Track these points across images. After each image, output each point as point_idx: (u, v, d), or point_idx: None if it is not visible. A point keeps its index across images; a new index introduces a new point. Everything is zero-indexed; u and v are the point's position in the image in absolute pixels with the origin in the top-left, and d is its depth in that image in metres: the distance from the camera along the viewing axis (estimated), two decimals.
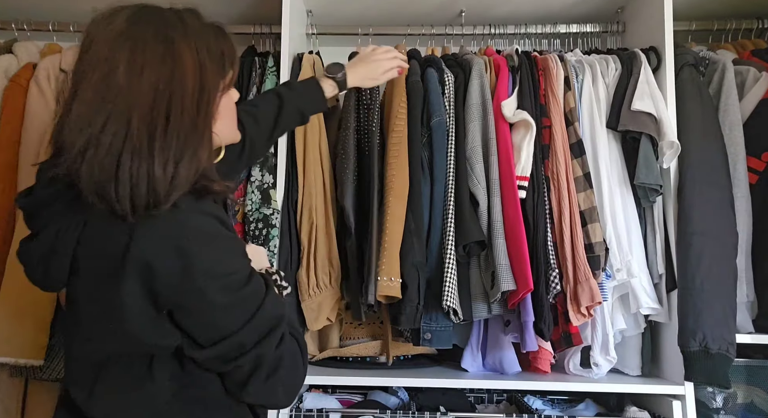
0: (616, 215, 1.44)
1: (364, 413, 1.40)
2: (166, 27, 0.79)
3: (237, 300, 0.79)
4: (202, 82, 0.79)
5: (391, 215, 1.34)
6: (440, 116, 1.44)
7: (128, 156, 0.73)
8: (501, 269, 1.33)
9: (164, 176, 0.74)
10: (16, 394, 1.44)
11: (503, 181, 1.40)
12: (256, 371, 0.81)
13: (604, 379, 1.45)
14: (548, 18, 1.78)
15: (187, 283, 0.75)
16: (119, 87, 0.74)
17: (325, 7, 1.75)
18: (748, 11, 1.72)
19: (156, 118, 0.75)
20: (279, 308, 0.85)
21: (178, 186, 0.75)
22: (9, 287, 1.39)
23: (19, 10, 1.75)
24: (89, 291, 0.78)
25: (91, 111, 0.74)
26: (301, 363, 0.87)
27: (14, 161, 1.50)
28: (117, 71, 0.75)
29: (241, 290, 0.79)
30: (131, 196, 0.73)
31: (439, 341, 1.37)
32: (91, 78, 0.76)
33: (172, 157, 0.75)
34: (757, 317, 1.48)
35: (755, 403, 1.49)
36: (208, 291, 0.76)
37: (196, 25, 0.82)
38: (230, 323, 0.79)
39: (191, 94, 0.78)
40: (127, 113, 0.74)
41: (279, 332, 0.82)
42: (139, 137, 0.74)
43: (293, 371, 0.85)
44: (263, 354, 0.80)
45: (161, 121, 0.75)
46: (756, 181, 1.50)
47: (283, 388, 0.84)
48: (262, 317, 0.81)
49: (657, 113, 1.44)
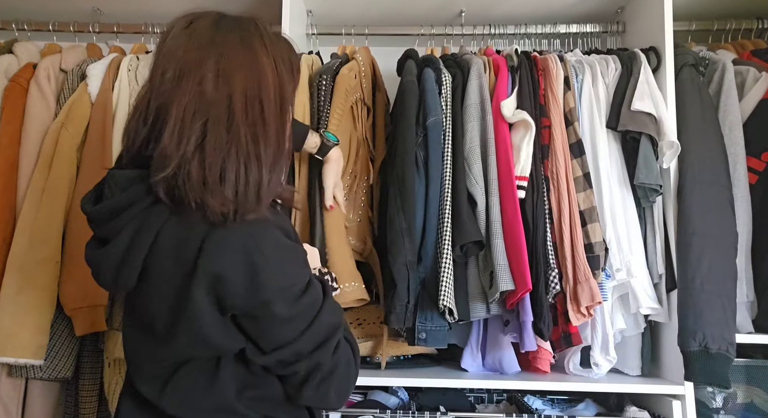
0: (615, 215, 1.44)
1: (364, 412, 1.40)
2: (248, 35, 0.82)
3: (297, 311, 0.81)
4: (282, 90, 0.83)
5: (327, 225, 1.37)
6: (436, 116, 1.43)
7: (234, 160, 0.76)
8: (499, 269, 1.33)
9: (269, 180, 0.78)
10: (16, 394, 1.43)
11: (502, 181, 1.40)
12: (311, 377, 0.84)
13: (604, 379, 1.45)
14: (548, 18, 1.78)
15: (253, 295, 0.77)
16: (211, 95, 0.77)
17: (325, 7, 1.75)
18: (748, 11, 1.72)
19: (254, 124, 0.78)
20: (335, 316, 0.87)
21: (273, 191, 0.80)
22: (9, 287, 1.39)
23: (19, 10, 1.76)
24: (161, 296, 0.79)
25: (187, 118, 0.76)
26: (354, 368, 0.90)
27: (14, 161, 1.50)
28: (206, 78, 0.77)
29: (300, 300, 0.81)
30: (237, 200, 0.76)
31: (434, 341, 1.37)
32: (180, 86, 0.77)
33: (270, 162, 0.79)
34: (757, 317, 1.48)
35: (755, 403, 1.49)
36: (271, 304, 0.78)
37: (271, 35, 0.85)
38: (289, 332, 0.81)
39: (274, 101, 0.81)
40: (225, 119, 0.76)
41: (335, 340, 0.85)
42: (246, 142, 0.77)
43: (346, 376, 0.88)
44: (320, 361, 0.83)
45: (260, 127, 0.79)
46: (756, 181, 1.50)
47: (335, 392, 0.87)
48: (319, 326, 0.83)
49: (657, 113, 1.44)
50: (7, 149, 1.50)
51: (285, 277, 0.79)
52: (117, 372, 1.47)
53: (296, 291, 0.81)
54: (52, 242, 1.42)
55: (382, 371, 1.48)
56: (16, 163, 1.50)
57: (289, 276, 0.80)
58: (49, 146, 1.48)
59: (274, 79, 0.81)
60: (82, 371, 1.49)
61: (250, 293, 0.76)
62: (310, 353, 0.82)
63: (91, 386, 1.49)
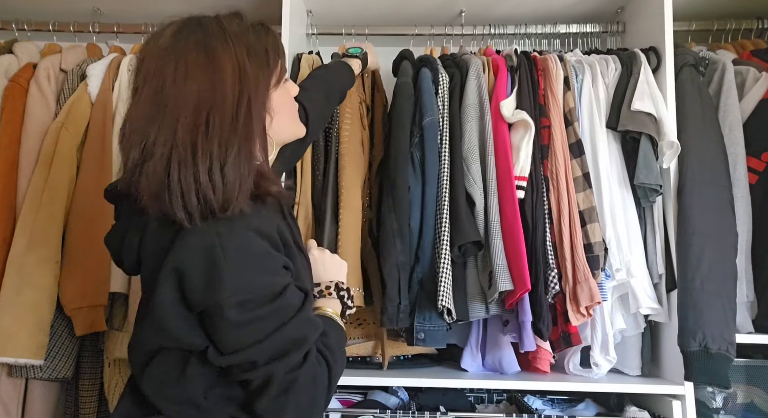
0: (615, 215, 1.44)
1: (364, 413, 1.40)
2: (206, 37, 0.82)
3: (254, 317, 0.78)
4: (242, 86, 0.81)
5: (343, 226, 1.38)
6: (432, 116, 1.43)
7: (176, 165, 0.77)
8: (498, 269, 1.33)
9: (210, 183, 0.77)
10: (16, 393, 1.44)
11: (501, 181, 1.40)
12: (265, 389, 0.80)
13: (603, 379, 1.45)
14: (548, 18, 1.78)
15: (209, 293, 0.77)
16: (166, 99, 0.78)
17: (325, 7, 1.75)
18: (748, 11, 1.72)
19: (198, 126, 0.78)
20: (304, 330, 0.83)
21: (231, 191, 0.78)
22: (9, 287, 1.39)
23: (19, 10, 1.76)
24: (144, 286, 0.84)
25: (145, 124, 0.79)
26: (325, 388, 0.85)
27: (14, 161, 1.50)
28: (165, 84, 0.79)
29: (261, 308, 0.79)
30: (183, 205, 0.76)
31: (432, 341, 1.37)
32: (141, 92, 0.81)
33: (216, 163, 0.77)
34: (757, 317, 1.48)
35: (755, 403, 1.49)
36: (225, 306, 0.76)
37: (235, 29, 0.85)
38: (244, 338, 0.79)
39: (231, 99, 0.80)
40: (174, 124, 0.78)
41: (298, 354, 0.81)
42: (184, 146, 0.77)
43: (308, 394, 0.82)
44: (273, 374, 0.79)
45: (202, 128, 0.78)
46: (756, 181, 1.50)
47: (293, 409, 0.81)
48: (280, 337, 0.80)
49: (657, 113, 1.44)
50: (7, 149, 1.50)
51: (245, 281, 0.77)
52: (117, 372, 1.47)
53: (253, 298, 0.78)
54: (52, 242, 1.43)
55: (382, 371, 1.48)
56: (16, 163, 1.50)
57: (251, 282, 0.78)
58: (49, 146, 1.48)
59: (233, 74, 0.81)
60: (82, 371, 1.50)
61: (207, 291, 0.76)
62: (264, 364, 0.79)
63: (91, 386, 1.49)
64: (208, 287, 0.76)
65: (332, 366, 0.86)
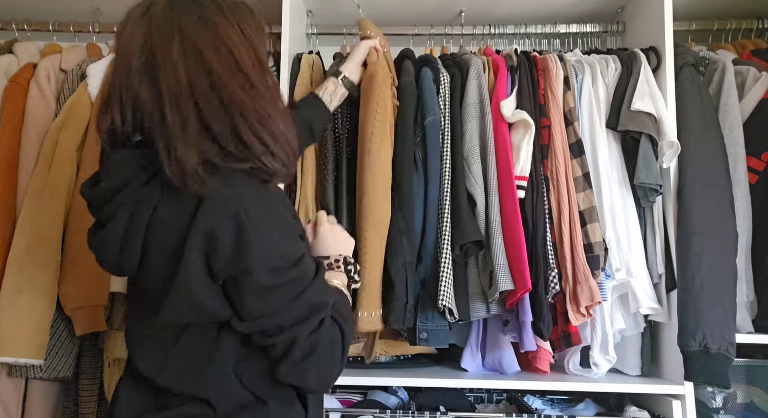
0: (615, 215, 1.44)
1: (364, 412, 1.40)
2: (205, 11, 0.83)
3: (281, 282, 0.82)
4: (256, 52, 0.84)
5: (369, 245, 1.31)
6: (434, 115, 1.43)
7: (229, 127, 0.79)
8: (499, 268, 1.33)
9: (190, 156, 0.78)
10: (16, 393, 1.44)
11: (501, 180, 1.40)
12: (289, 352, 0.83)
13: (603, 379, 1.45)
14: (548, 18, 1.78)
15: (239, 258, 0.78)
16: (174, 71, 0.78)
17: (325, 7, 1.75)
18: (748, 11, 1.72)
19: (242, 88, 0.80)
20: (323, 295, 0.88)
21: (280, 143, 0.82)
22: (9, 287, 1.39)
23: (19, 10, 1.76)
24: (159, 269, 0.81)
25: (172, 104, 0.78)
26: (339, 351, 0.89)
27: (14, 161, 1.50)
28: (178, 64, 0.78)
29: (286, 273, 0.82)
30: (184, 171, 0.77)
31: (435, 340, 1.37)
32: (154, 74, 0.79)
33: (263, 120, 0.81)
34: (757, 317, 1.48)
35: (755, 403, 1.49)
36: (255, 270, 0.79)
37: (229, 3, 0.86)
38: (270, 302, 0.82)
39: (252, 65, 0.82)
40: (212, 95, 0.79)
41: (317, 317, 0.85)
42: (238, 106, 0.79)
43: (328, 357, 0.87)
44: (297, 337, 0.83)
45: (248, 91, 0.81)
46: (756, 181, 1.50)
47: (315, 373, 0.86)
48: (303, 302, 0.83)
49: (657, 113, 1.44)
50: (7, 149, 1.50)
51: (273, 246, 0.80)
52: (117, 372, 1.47)
53: (281, 263, 0.81)
54: (52, 242, 1.43)
55: (382, 371, 1.48)
56: (16, 163, 1.50)
57: (277, 245, 0.81)
58: (49, 146, 1.48)
59: (244, 44, 0.83)
60: (82, 371, 1.50)
61: (236, 255, 0.78)
62: (290, 327, 0.82)
63: (91, 386, 1.49)
64: (238, 251, 0.77)
65: (345, 330, 0.90)
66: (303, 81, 1.53)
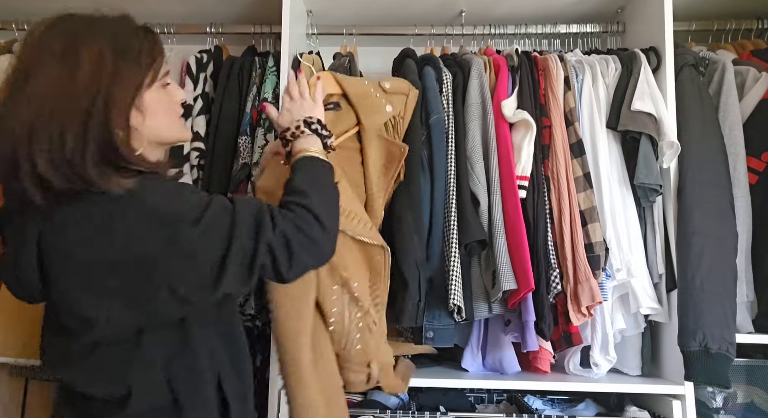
0: (616, 214, 1.45)
1: (364, 413, 1.40)
2: (74, 29, 0.86)
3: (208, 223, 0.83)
4: (97, 78, 0.83)
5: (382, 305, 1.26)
6: (438, 114, 1.43)
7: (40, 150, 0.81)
8: (502, 268, 1.33)
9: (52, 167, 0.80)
10: (16, 394, 1.43)
11: (503, 180, 1.40)
12: (276, 258, 0.85)
13: (604, 379, 1.45)
14: (548, 18, 1.78)
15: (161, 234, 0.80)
16: (32, 92, 0.81)
17: (326, 7, 1.75)
18: (748, 11, 1.72)
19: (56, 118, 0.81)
20: (251, 203, 0.88)
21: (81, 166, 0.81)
22: None
23: (19, 10, 1.75)
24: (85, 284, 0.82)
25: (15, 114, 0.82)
26: (313, 228, 0.89)
27: None
28: (28, 73, 0.82)
29: (206, 214, 0.83)
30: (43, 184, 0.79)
31: (441, 339, 1.36)
32: (15, 85, 0.83)
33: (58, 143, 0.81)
34: (757, 317, 1.48)
35: (755, 403, 1.49)
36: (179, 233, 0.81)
37: (107, 26, 0.88)
38: (217, 243, 0.82)
39: (83, 88, 0.82)
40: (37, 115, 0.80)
41: (266, 217, 0.86)
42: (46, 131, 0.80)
43: (305, 239, 0.87)
44: (269, 242, 0.84)
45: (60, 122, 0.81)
46: (756, 181, 1.51)
47: (305, 252, 0.87)
48: (242, 220, 0.84)
49: (657, 113, 1.44)
50: None
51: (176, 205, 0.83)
52: None
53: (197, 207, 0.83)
54: None
55: None
56: None
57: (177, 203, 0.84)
58: None
59: (92, 66, 0.83)
60: None
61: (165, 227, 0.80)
62: (255, 243, 0.83)
63: None
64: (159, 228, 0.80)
65: (311, 205, 0.90)
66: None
